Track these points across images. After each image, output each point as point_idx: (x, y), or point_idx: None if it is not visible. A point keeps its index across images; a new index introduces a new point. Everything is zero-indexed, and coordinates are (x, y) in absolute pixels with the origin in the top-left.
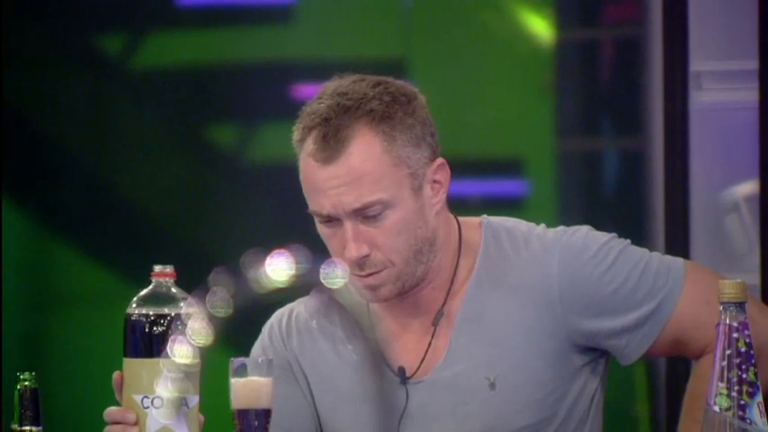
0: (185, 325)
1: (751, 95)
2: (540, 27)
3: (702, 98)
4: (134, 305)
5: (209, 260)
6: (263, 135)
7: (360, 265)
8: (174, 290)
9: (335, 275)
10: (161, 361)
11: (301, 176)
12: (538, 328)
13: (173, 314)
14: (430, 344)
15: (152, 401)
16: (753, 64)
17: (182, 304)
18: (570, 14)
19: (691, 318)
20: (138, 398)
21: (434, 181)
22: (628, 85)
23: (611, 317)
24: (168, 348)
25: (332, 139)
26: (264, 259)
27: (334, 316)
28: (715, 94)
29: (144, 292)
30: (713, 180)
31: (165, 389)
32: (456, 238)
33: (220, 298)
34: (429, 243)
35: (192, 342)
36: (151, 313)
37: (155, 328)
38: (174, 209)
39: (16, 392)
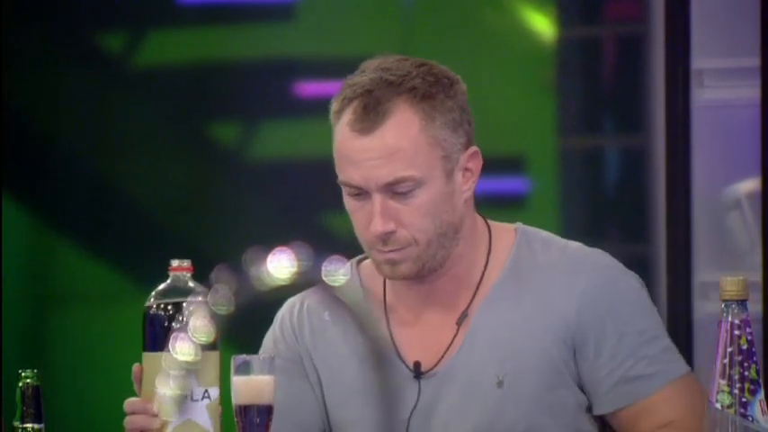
0: None
1: (753, 93)
2: (541, 25)
3: (704, 95)
4: (152, 299)
5: (210, 257)
6: (265, 132)
7: (384, 240)
8: (191, 283)
9: (337, 273)
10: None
11: (335, 145)
12: (550, 335)
13: None
14: (451, 342)
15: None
16: (754, 61)
17: (200, 297)
18: (572, 12)
19: (669, 408)
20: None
21: (466, 168)
22: (629, 83)
23: (608, 359)
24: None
25: (372, 111)
26: (266, 257)
27: (344, 306)
28: (717, 92)
29: (162, 286)
30: (715, 177)
31: (167, 385)
32: (485, 239)
33: (222, 295)
34: (454, 229)
35: (195, 337)
36: (170, 307)
37: (174, 323)
38: (176, 206)
39: (18, 390)
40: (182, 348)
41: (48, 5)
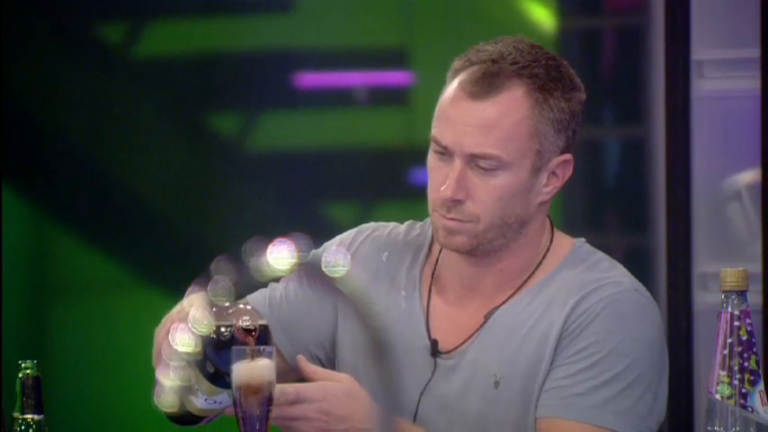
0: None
1: (752, 84)
2: (541, 15)
3: (704, 86)
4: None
5: (210, 248)
6: (265, 124)
7: (448, 207)
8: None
9: (337, 263)
10: (221, 390)
11: (440, 100)
12: (547, 347)
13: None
14: (473, 333)
15: (205, 399)
16: (754, 52)
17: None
18: (572, 3)
19: None
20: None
21: (554, 172)
22: (629, 74)
23: (560, 366)
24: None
25: (488, 80)
26: (266, 248)
27: (405, 255)
28: (717, 83)
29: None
30: (715, 168)
31: (167, 377)
32: (546, 245)
33: (222, 286)
34: (520, 223)
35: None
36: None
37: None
38: (176, 197)
39: (18, 380)
40: (181, 340)
41: None
